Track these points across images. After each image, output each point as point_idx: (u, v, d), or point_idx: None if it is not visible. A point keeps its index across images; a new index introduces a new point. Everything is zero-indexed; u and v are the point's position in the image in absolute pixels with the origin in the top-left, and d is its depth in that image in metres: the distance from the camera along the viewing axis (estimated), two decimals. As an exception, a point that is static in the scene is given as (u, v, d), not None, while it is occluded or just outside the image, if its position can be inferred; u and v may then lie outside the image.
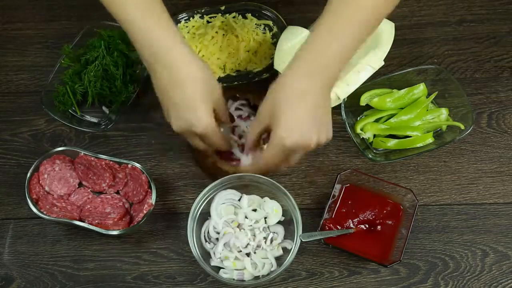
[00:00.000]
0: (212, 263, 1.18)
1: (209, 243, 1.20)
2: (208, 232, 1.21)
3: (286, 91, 1.07)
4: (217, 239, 1.20)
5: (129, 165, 1.23)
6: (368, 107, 1.31)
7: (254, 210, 1.22)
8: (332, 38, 1.06)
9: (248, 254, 1.19)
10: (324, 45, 1.06)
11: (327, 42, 1.06)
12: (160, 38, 1.08)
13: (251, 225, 1.20)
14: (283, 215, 1.22)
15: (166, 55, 1.08)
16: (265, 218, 1.21)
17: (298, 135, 1.06)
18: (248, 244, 1.18)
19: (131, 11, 1.07)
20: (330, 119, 1.11)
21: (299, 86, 1.06)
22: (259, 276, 1.17)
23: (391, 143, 1.27)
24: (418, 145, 1.26)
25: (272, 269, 1.18)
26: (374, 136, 1.28)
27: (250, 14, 1.39)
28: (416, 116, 1.28)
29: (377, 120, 1.29)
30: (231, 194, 1.23)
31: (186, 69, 1.08)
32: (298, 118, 1.06)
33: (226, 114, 1.18)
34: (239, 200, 1.23)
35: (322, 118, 1.09)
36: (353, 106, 1.29)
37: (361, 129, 1.28)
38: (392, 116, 1.30)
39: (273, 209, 1.21)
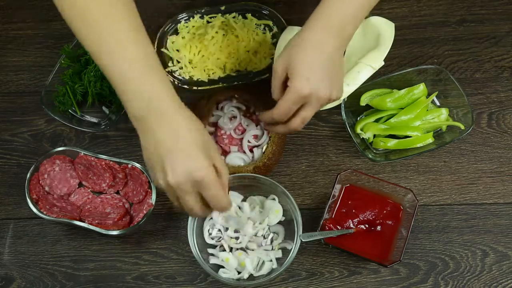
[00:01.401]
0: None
1: (212, 239, 1.21)
2: (210, 231, 1.21)
3: (304, 42, 1.08)
4: (220, 237, 1.21)
5: (129, 165, 1.23)
6: (368, 107, 1.31)
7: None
8: None
9: (245, 250, 1.19)
10: (340, 4, 1.09)
11: (342, 1, 1.09)
12: (154, 90, 1.00)
13: (256, 227, 1.20)
14: (283, 215, 1.22)
15: (162, 107, 1.00)
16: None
17: (314, 85, 1.06)
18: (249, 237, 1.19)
19: (120, 62, 1.01)
20: (342, 77, 1.13)
21: (316, 37, 1.08)
22: (259, 276, 1.17)
23: (391, 143, 1.27)
24: (418, 145, 1.26)
25: (272, 268, 1.18)
26: (374, 136, 1.28)
27: (250, 14, 1.39)
28: (416, 116, 1.28)
29: (377, 120, 1.29)
30: (233, 197, 1.23)
31: (183, 121, 1.01)
32: (315, 68, 1.07)
33: (225, 174, 1.04)
34: (241, 201, 1.23)
35: (336, 74, 1.10)
36: (353, 106, 1.29)
37: (361, 129, 1.28)
38: (392, 116, 1.29)
39: (273, 209, 1.21)
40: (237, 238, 1.20)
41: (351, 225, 1.20)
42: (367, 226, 1.20)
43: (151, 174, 1.03)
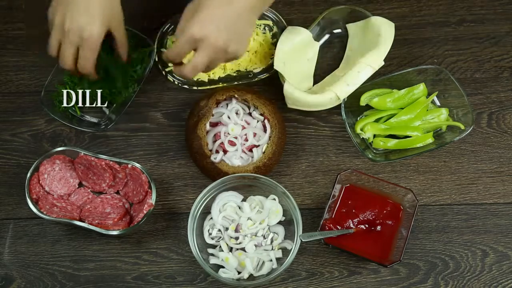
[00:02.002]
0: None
1: (212, 239, 1.21)
2: (210, 231, 1.21)
3: None
4: (220, 237, 1.21)
5: (129, 165, 1.23)
6: (368, 107, 1.31)
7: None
8: None
9: (244, 249, 1.19)
10: None
11: None
12: None
13: (256, 227, 1.20)
14: (283, 215, 1.22)
15: None
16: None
17: (207, 30, 1.09)
18: (248, 236, 1.19)
19: None
20: (249, 36, 1.14)
21: None
22: (259, 276, 1.18)
23: (391, 143, 1.27)
24: (418, 145, 1.26)
25: (272, 268, 1.18)
26: (374, 136, 1.28)
27: (250, 14, 1.39)
28: (416, 116, 1.28)
29: (377, 120, 1.29)
30: (233, 197, 1.23)
31: None
32: (214, 16, 1.09)
33: (124, 45, 1.21)
34: (241, 201, 1.23)
35: (240, 29, 1.12)
36: (353, 106, 1.29)
37: (361, 129, 1.28)
38: (392, 116, 1.29)
39: (273, 209, 1.21)
40: (237, 238, 1.20)
41: (351, 225, 1.20)
42: (367, 226, 1.20)
43: (53, 8, 1.15)
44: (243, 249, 1.20)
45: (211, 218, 1.22)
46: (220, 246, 1.20)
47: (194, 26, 1.09)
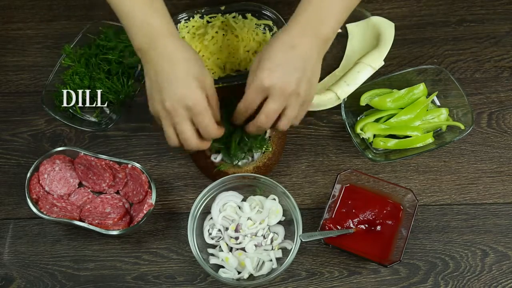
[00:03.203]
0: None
1: (212, 239, 1.21)
2: (210, 231, 1.21)
3: (276, 41, 1.10)
4: (220, 237, 1.21)
5: (129, 165, 1.23)
6: (368, 107, 1.31)
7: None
8: None
9: (244, 249, 1.19)
10: (318, 5, 1.10)
11: (321, 2, 1.10)
12: (156, 25, 1.11)
13: (256, 227, 1.20)
14: (283, 215, 1.22)
15: (162, 40, 1.10)
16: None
17: (277, 77, 1.08)
18: (249, 236, 1.19)
19: (129, 3, 1.12)
20: (317, 76, 1.13)
21: (289, 40, 1.10)
22: (259, 276, 1.18)
23: (391, 143, 1.27)
24: (418, 145, 1.26)
25: (272, 268, 1.18)
26: (374, 136, 1.28)
27: (250, 14, 1.39)
28: (416, 116, 1.28)
29: (377, 120, 1.29)
30: (233, 197, 1.23)
31: (181, 53, 1.11)
32: (280, 62, 1.09)
33: (217, 106, 1.15)
34: (241, 201, 1.23)
35: (307, 71, 1.10)
36: (353, 106, 1.29)
37: (361, 129, 1.28)
38: (392, 116, 1.29)
39: (273, 209, 1.21)
40: (237, 238, 1.20)
41: (351, 225, 1.20)
42: (367, 226, 1.20)
43: (150, 103, 1.13)
44: (243, 249, 1.20)
45: (211, 218, 1.22)
46: (220, 246, 1.20)
47: (262, 75, 1.08)
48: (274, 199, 1.22)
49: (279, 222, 1.22)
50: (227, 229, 1.21)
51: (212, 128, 1.11)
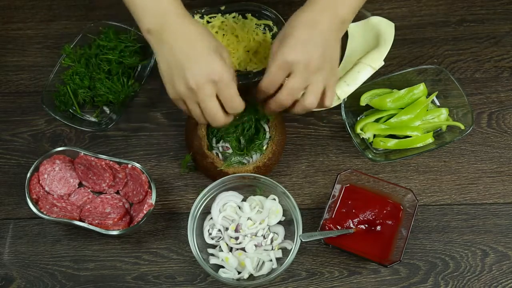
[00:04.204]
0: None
1: (212, 239, 1.21)
2: (210, 231, 1.21)
3: (296, 21, 1.10)
4: (220, 237, 1.21)
5: (129, 165, 1.23)
6: (368, 107, 1.31)
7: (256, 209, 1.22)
8: None
9: (244, 249, 1.19)
10: None
11: None
12: (166, 4, 1.10)
13: (256, 227, 1.20)
14: (283, 215, 1.22)
15: (175, 19, 1.09)
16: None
17: (301, 52, 1.08)
18: (249, 235, 1.19)
19: None
20: (338, 54, 1.13)
21: (311, 18, 1.10)
22: (259, 276, 1.18)
23: (391, 143, 1.27)
24: (418, 145, 1.26)
25: (272, 268, 1.18)
26: (374, 136, 1.28)
27: (250, 14, 1.39)
28: (416, 116, 1.28)
29: (377, 120, 1.29)
30: (233, 197, 1.23)
31: (196, 29, 1.10)
32: (304, 39, 1.09)
33: (235, 82, 1.13)
34: (241, 201, 1.23)
35: (329, 48, 1.10)
36: (353, 106, 1.29)
37: (361, 129, 1.28)
38: (392, 116, 1.29)
39: (273, 209, 1.21)
40: (237, 238, 1.20)
41: (351, 225, 1.20)
42: (367, 226, 1.20)
43: (170, 86, 1.11)
44: (243, 249, 1.20)
45: (211, 218, 1.22)
46: (220, 246, 1.20)
47: (285, 52, 1.08)
48: (274, 199, 1.22)
49: (279, 222, 1.22)
50: (227, 229, 1.21)
51: (238, 100, 1.11)
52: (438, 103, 1.31)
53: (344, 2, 1.12)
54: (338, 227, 1.19)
